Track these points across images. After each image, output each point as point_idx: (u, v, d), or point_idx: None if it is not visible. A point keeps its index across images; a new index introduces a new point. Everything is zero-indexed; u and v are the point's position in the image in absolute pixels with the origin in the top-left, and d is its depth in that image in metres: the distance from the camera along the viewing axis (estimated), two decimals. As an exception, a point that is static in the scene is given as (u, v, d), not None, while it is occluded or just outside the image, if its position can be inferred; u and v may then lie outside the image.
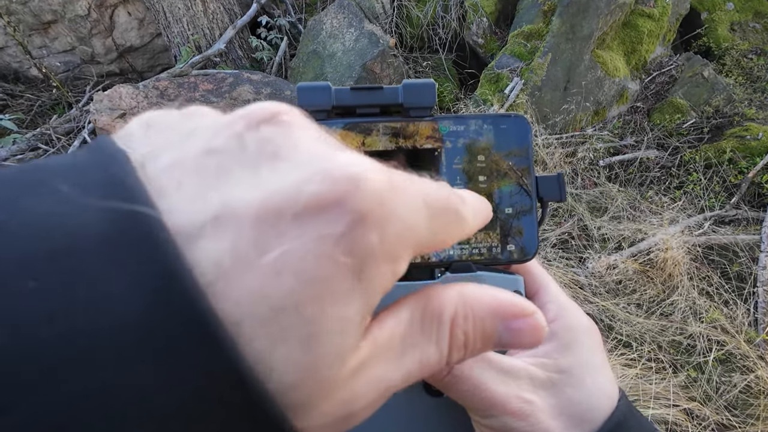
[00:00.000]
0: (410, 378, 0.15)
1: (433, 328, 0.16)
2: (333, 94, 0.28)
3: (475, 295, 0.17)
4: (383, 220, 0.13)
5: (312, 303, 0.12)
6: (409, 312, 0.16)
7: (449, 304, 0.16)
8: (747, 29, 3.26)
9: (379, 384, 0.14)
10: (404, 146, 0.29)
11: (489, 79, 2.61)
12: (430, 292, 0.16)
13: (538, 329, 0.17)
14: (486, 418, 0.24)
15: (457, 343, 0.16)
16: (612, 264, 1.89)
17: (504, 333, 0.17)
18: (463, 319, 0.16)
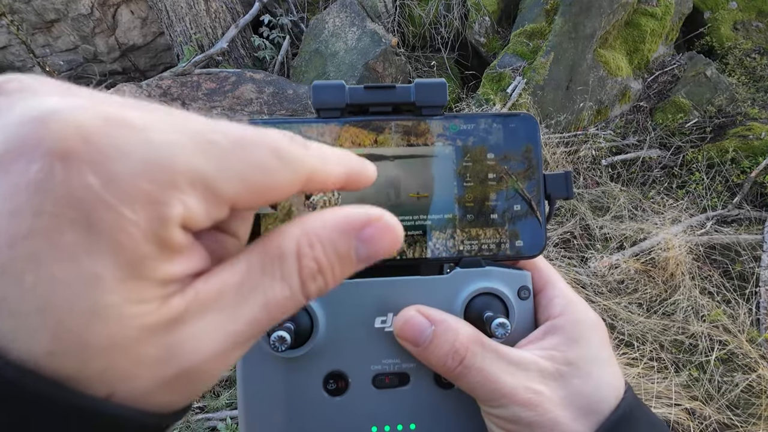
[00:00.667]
0: (259, 323, 0.15)
1: (275, 266, 0.15)
2: (347, 93, 0.29)
3: (317, 221, 0.16)
4: (97, 158, 0.11)
5: (28, 266, 0.11)
6: (246, 260, 0.15)
7: (289, 238, 0.16)
8: (750, 28, 3.25)
9: (213, 336, 0.14)
10: (416, 143, 0.29)
11: (491, 79, 2.61)
12: (269, 235, 0.16)
13: (390, 229, 0.17)
14: (495, 408, 0.25)
15: (309, 273, 0.16)
16: (614, 263, 1.90)
17: (359, 246, 0.16)
18: (309, 248, 0.16)
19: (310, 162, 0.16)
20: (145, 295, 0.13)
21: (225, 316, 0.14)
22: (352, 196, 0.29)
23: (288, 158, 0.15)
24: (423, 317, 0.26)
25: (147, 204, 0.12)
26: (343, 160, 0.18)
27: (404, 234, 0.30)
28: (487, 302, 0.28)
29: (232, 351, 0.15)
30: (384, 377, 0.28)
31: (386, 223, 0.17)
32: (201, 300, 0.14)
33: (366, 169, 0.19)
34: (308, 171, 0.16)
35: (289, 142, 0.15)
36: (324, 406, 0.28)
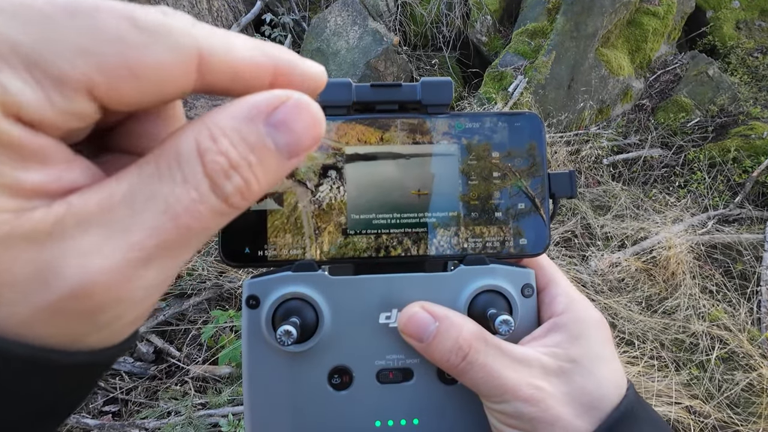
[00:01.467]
0: (164, 231, 0.13)
1: (174, 169, 0.13)
2: (353, 91, 0.29)
3: (219, 112, 0.14)
4: None
5: None
6: (137, 168, 0.13)
7: (186, 136, 0.13)
8: (753, 27, 3.24)
9: (102, 251, 0.12)
10: (421, 142, 0.30)
11: (493, 78, 2.61)
12: (166, 138, 0.14)
13: (303, 107, 0.14)
14: (498, 403, 0.25)
15: (218, 170, 0.13)
16: (615, 262, 1.90)
17: (272, 132, 0.14)
18: (211, 142, 0.13)
19: (196, 36, 0.13)
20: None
21: (114, 229, 0.12)
22: (357, 196, 0.29)
23: (154, 28, 0.12)
24: (427, 313, 0.26)
25: None
26: (266, 49, 0.15)
27: (410, 232, 0.30)
28: (491, 299, 0.28)
29: (138, 269, 0.13)
30: (388, 372, 0.29)
31: (297, 101, 0.14)
32: (76, 213, 0.12)
33: (303, 62, 0.16)
34: (196, 48, 0.13)
35: (156, 11, 0.12)
36: (328, 400, 0.28)
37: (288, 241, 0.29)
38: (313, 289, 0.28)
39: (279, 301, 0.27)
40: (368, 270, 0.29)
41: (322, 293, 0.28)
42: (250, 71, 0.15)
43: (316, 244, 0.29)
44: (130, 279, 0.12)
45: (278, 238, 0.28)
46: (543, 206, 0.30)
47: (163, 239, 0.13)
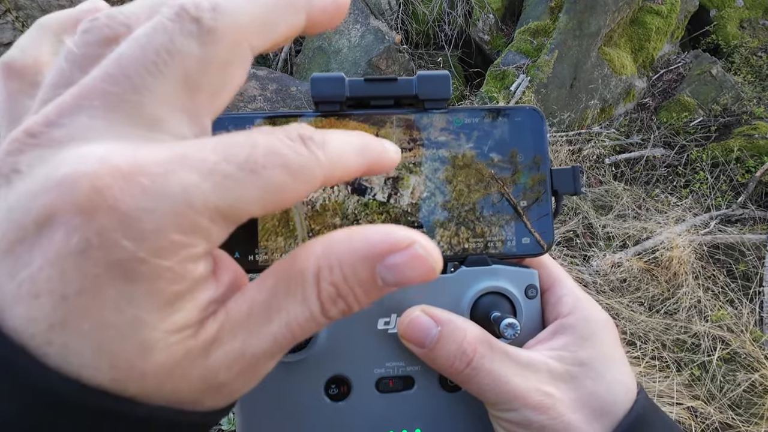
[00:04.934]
0: (281, 343, 0.16)
1: (298, 288, 0.15)
2: (347, 85, 0.27)
3: (342, 242, 0.16)
4: (125, 223, 0.13)
5: (83, 316, 0.13)
6: (273, 279, 0.16)
7: (311, 260, 0.16)
8: (757, 27, 3.22)
9: (240, 355, 0.15)
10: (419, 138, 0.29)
11: (495, 76, 2.60)
12: (295, 254, 0.16)
13: (419, 258, 0.16)
14: (506, 412, 0.24)
15: (328, 297, 0.16)
16: (617, 262, 1.89)
17: (385, 273, 0.16)
18: (328, 272, 0.15)
19: (323, 168, 0.16)
20: (183, 324, 0.14)
21: (253, 336, 0.15)
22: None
23: (300, 173, 0.15)
24: (428, 317, 0.25)
25: (176, 251, 0.13)
26: (360, 148, 0.18)
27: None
28: (494, 302, 0.27)
29: (259, 366, 0.16)
30: (388, 381, 0.27)
31: (416, 252, 0.16)
32: (232, 321, 0.15)
33: (386, 153, 0.19)
34: (322, 176, 0.16)
35: (297, 154, 0.15)
36: (325, 411, 0.27)
37: (280, 244, 0.27)
38: None
39: None
40: None
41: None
42: (351, 174, 0.17)
43: None
44: (255, 376, 0.16)
45: (270, 242, 0.27)
46: (546, 203, 0.29)
47: (281, 347, 0.16)
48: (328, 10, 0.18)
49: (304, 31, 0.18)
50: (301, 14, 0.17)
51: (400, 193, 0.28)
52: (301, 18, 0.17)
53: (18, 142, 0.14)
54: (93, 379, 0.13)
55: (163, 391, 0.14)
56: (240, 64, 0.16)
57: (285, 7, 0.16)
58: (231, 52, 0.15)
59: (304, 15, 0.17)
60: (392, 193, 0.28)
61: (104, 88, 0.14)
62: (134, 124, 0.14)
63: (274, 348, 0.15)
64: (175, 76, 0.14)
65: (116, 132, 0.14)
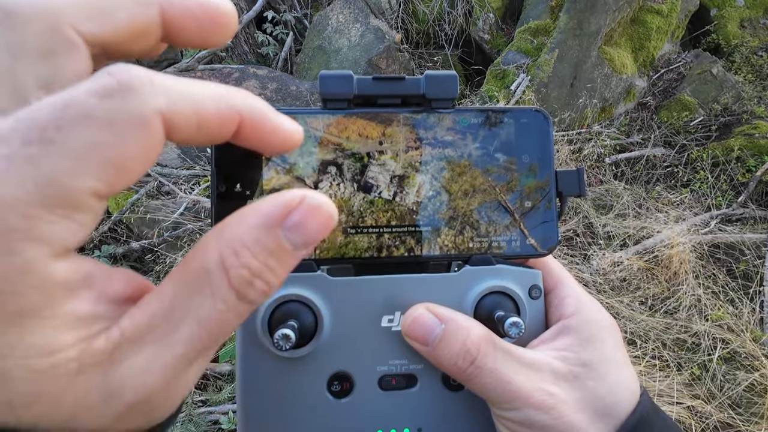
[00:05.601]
0: (197, 346, 0.14)
1: (203, 284, 0.14)
2: (355, 83, 0.28)
3: (236, 224, 0.15)
4: None
5: None
6: (171, 284, 0.15)
7: (210, 253, 0.15)
8: (757, 26, 3.22)
9: (152, 368, 0.14)
10: (427, 138, 0.28)
11: (495, 75, 2.60)
12: (191, 252, 0.15)
13: (315, 209, 0.15)
14: (508, 410, 0.24)
15: (242, 281, 0.15)
16: (617, 261, 1.89)
17: (290, 235, 0.15)
18: (234, 256, 0.15)
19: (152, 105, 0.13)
20: (53, 345, 0.12)
21: (160, 346, 0.14)
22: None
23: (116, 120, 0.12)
24: (432, 315, 0.25)
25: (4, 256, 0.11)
26: (226, 94, 0.15)
27: (412, 231, 0.28)
28: (498, 301, 0.27)
29: (182, 373, 0.15)
30: (390, 378, 0.27)
31: (309, 204, 0.15)
32: (130, 336, 0.14)
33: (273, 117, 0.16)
34: (158, 115, 0.13)
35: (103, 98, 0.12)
36: (328, 408, 0.27)
37: None
38: (312, 291, 0.26)
39: (276, 304, 0.26)
40: (369, 271, 0.28)
41: (322, 295, 0.26)
42: (216, 123, 0.15)
43: None
44: (177, 383, 0.15)
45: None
46: (551, 204, 0.29)
47: (199, 348, 0.15)
48: (195, 14, 0.16)
49: (164, 35, 0.16)
50: (152, 8, 0.15)
51: (405, 191, 0.28)
52: (151, 12, 0.15)
53: None
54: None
55: (56, 417, 0.13)
56: (67, 50, 0.14)
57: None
58: (47, 38, 0.13)
59: (156, 10, 0.15)
60: (398, 191, 0.28)
61: None
62: None
63: (190, 353, 0.14)
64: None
65: None
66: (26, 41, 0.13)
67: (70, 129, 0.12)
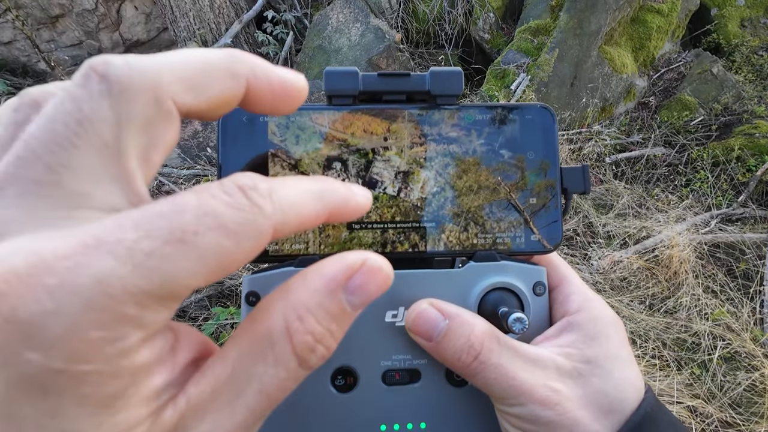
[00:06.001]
0: (257, 413, 0.15)
1: (267, 351, 0.15)
2: (360, 80, 0.28)
3: (300, 289, 0.16)
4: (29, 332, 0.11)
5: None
6: (235, 349, 0.15)
7: (275, 318, 0.15)
8: (758, 25, 3.22)
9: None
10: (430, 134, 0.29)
11: (495, 75, 2.60)
12: (253, 317, 0.16)
13: (375, 271, 0.16)
14: (512, 406, 0.24)
15: (305, 348, 0.15)
16: (617, 261, 1.89)
17: (351, 298, 0.16)
18: (299, 322, 0.15)
19: (271, 220, 0.14)
20: (129, 424, 0.13)
21: (223, 414, 0.14)
22: None
23: (242, 231, 0.13)
24: (436, 311, 0.25)
25: (98, 350, 0.12)
26: (318, 194, 0.16)
27: (417, 227, 0.28)
28: (502, 297, 0.27)
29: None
30: (394, 373, 0.27)
31: (370, 266, 0.16)
32: (194, 405, 0.14)
33: (353, 197, 0.17)
34: (271, 229, 0.14)
35: (235, 210, 0.13)
36: (331, 402, 0.27)
37: (290, 236, 0.27)
38: None
39: None
40: None
41: None
42: (310, 223, 0.16)
43: (320, 239, 0.28)
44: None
45: None
46: (555, 201, 0.29)
47: (258, 415, 0.15)
48: (274, 89, 0.17)
49: (245, 103, 0.17)
50: (241, 81, 0.16)
51: (410, 188, 0.28)
52: (240, 85, 0.16)
53: None
54: None
55: None
56: (165, 121, 0.14)
57: (222, 69, 0.15)
58: (151, 110, 0.14)
59: (244, 83, 0.16)
60: (402, 187, 0.28)
61: (15, 173, 0.13)
62: (53, 207, 0.13)
63: (249, 420, 0.15)
64: (92, 145, 0.13)
65: (32, 219, 0.12)
66: (133, 113, 0.14)
67: (204, 235, 0.13)
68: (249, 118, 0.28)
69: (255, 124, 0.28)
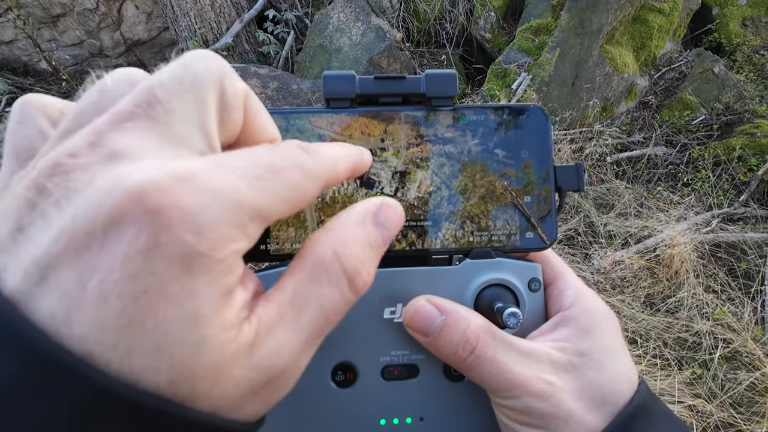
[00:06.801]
0: (319, 326, 0.17)
1: (321, 275, 0.17)
2: (357, 83, 0.28)
3: (340, 223, 0.19)
4: (186, 219, 0.13)
5: (148, 314, 0.13)
6: (291, 278, 0.17)
7: (324, 248, 0.18)
8: (759, 25, 3.21)
9: (284, 349, 0.16)
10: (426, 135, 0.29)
11: (496, 74, 2.60)
12: (300, 254, 0.18)
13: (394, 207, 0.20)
14: (508, 399, 0.25)
15: (354, 269, 0.18)
16: (618, 260, 1.89)
17: (380, 231, 0.19)
18: (344, 248, 0.18)
19: (325, 169, 0.18)
20: (231, 320, 0.15)
21: (289, 330, 0.17)
22: None
23: (311, 173, 0.17)
24: (433, 307, 0.26)
25: (226, 243, 0.14)
26: (346, 154, 0.20)
27: (414, 226, 0.29)
28: (498, 293, 0.28)
29: (303, 355, 0.17)
30: (393, 369, 0.28)
31: (389, 203, 0.20)
32: (266, 324, 0.16)
33: (363, 156, 0.22)
34: (325, 176, 0.18)
35: (306, 156, 0.17)
36: (332, 397, 0.27)
37: (291, 234, 0.28)
38: None
39: None
40: None
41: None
42: (344, 176, 0.20)
43: None
44: (300, 365, 0.17)
45: (281, 232, 0.28)
46: (550, 199, 0.29)
47: (321, 329, 0.17)
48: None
49: None
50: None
51: (407, 187, 0.29)
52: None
53: (61, 165, 0.14)
54: (151, 382, 0.13)
55: (211, 395, 0.15)
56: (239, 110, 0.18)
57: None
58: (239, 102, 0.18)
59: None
60: (399, 187, 0.29)
61: (136, 111, 0.15)
62: (166, 141, 0.15)
63: (315, 334, 0.17)
64: (198, 100, 0.16)
65: (153, 149, 0.15)
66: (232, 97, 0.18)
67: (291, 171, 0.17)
68: None
69: None
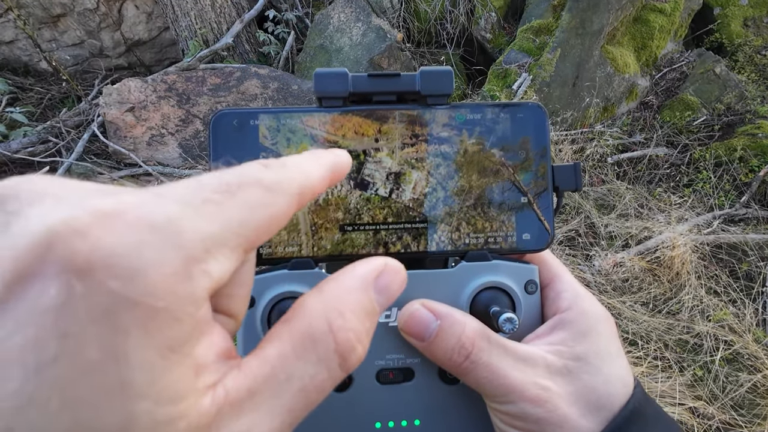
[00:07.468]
0: (298, 411, 0.15)
1: (309, 349, 0.15)
2: (350, 81, 0.27)
3: (335, 289, 0.16)
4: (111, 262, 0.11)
5: (53, 390, 0.11)
6: (276, 347, 0.15)
7: (316, 317, 0.15)
8: (761, 25, 3.20)
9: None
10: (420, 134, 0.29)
11: (497, 75, 2.59)
12: (293, 315, 0.16)
13: (396, 271, 0.18)
14: (503, 404, 0.24)
15: (349, 345, 0.15)
16: (619, 262, 1.88)
17: (378, 297, 0.17)
18: (341, 318, 0.15)
19: (292, 181, 0.16)
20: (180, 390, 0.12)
21: (261, 414, 0.14)
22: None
23: (272, 186, 0.15)
24: (428, 311, 0.25)
25: (172, 287, 0.12)
26: (319, 161, 0.18)
27: (409, 228, 0.28)
28: (494, 296, 0.27)
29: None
30: (388, 372, 0.28)
31: (392, 266, 0.18)
32: (232, 401, 0.13)
33: (340, 158, 0.20)
34: (297, 188, 0.16)
35: (264, 170, 0.15)
36: (327, 402, 0.27)
37: (283, 238, 0.27)
38: (310, 288, 0.27)
39: (274, 301, 0.26)
40: None
41: None
42: (322, 184, 0.18)
43: (312, 241, 0.28)
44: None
45: (273, 236, 0.28)
46: (547, 199, 0.29)
47: (296, 417, 0.15)
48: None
49: None
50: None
51: (402, 188, 0.28)
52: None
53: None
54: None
55: None
56: None
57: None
58: None
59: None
60: (394, 188, 0.28)
61: None
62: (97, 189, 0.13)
63: (287, 422, 0.14)
64: None
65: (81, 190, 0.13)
66: None
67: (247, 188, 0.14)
68: (240, 121, 0.27)
69: (246, 127, 0.28)
